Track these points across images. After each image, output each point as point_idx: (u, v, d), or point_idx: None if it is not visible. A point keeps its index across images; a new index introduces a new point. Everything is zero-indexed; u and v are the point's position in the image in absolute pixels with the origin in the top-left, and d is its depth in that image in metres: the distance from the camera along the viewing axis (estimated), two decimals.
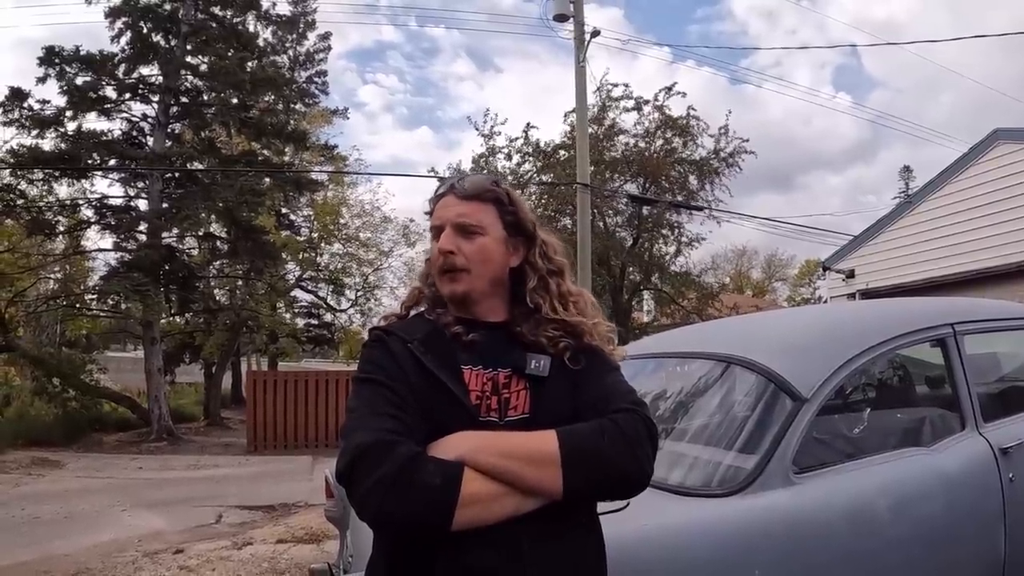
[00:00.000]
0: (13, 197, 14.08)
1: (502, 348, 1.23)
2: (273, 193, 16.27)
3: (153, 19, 14.67)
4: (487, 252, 1.25)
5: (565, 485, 1.07)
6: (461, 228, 1.25)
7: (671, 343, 3.13)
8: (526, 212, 1.31)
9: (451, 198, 1.27)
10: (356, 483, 1.04)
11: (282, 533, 5.82)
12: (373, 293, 23.94)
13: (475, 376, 1.19)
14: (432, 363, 1.17)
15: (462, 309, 1.27)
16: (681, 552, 1.78)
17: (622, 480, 1.13)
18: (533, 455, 1.08)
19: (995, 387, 2.91)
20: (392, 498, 1.01)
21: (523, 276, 1.30)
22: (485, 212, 1.26)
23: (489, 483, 1.06)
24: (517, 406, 1.18)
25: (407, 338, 1.21)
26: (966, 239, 10.08)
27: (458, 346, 1.22)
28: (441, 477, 1.03)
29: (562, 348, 1.23)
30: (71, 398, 13.82)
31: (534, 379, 1.20)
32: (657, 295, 17.59)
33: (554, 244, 1.34)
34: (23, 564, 5.01)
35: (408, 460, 1.03)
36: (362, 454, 1.04)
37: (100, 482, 8.83)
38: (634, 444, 1.12)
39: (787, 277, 44.71)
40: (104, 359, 17.80)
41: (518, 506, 1.08)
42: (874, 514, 2.01)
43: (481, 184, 1.29)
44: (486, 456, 1.07)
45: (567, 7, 11.23)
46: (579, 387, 1.21)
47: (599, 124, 15.16)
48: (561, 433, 1.10)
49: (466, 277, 1.24)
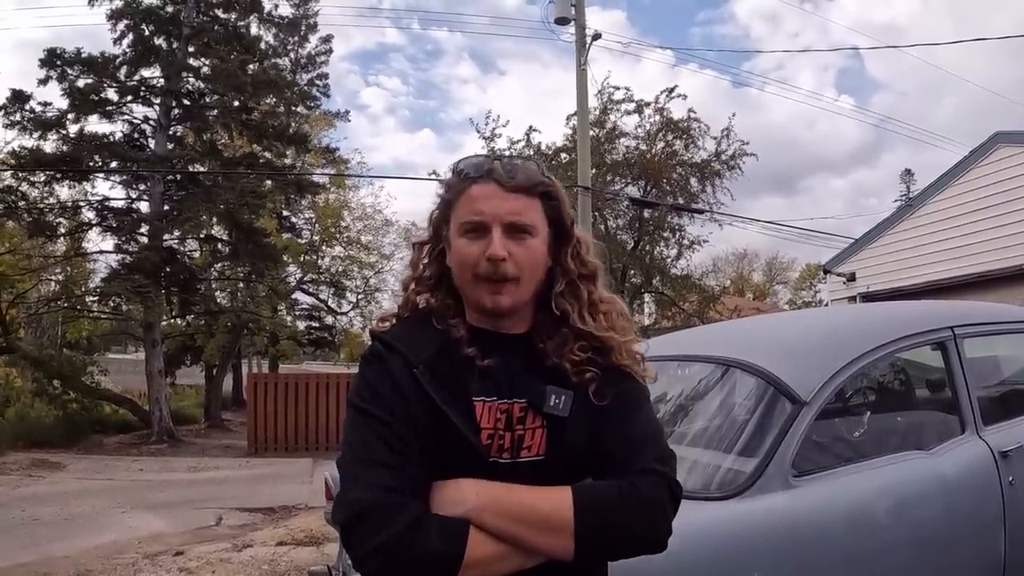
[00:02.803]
0: (15, 199, 14.10)
1: (521, 372, 1.09)
2: (274, 195, 16.32)
3: (155, 21, 14.69)
4: (537, 258, 1.09)
5: (576, 551, 1.00)
6: (514, 228, 1.06)
7: (672, 346, 3.13)
8: (568, 207, 1.14)
9: (494, 187, 1.07)
10: (354, 547, 0.99)
11: (282, 535, 5.81)
12: (374, 296, 24.00)
13: (488, 410, 1.06)
14: (439, 394, 1.03)
15: (488, 320, 1.11)
16: (681, 555, 1.77)
17: (637, 548, 1.06)
18: (545, 522, 1.00)
19: (995, 390, 2.90)
20: (393, 566, 0.96)
21: (551, 278, 1.13)
22: (535, 209, 1.09)
23: (496, 544, 0.99)
24: (531, 446, 1.07)
25: (412, 360, 1.06)
26: (967, 242, 10.06)
27: (470, 372, 1.07)
28: (444, 541, 0.96)
29: (587, 379, 1.09)
30: (72, 400, 13.82)
31: (552, 418, 1.07)
32: (658, 298, 17.61)
33: (588, 243, 1.17)
34: (23, 566, 5.01)
35: (408, 526, 0.96)
36: (361, 514, 0.97)
37: (100, 484, 8.83)
38: (655, 512, 1.03)
39: (788, 280, 44.73)
40: (105, 361, 17.78)
41: (523, 563, 1.01)
42: (873, 517, 2.01)
43: (533, 175, 1.09)
44: (494, 517, 0.99)
45: (568, 10, 11.26)
46: (604, 426, 1.08)
47: (600, 127, 15.19)
48: (577, 497, 1.01)
49: (513, 288, 1.06)
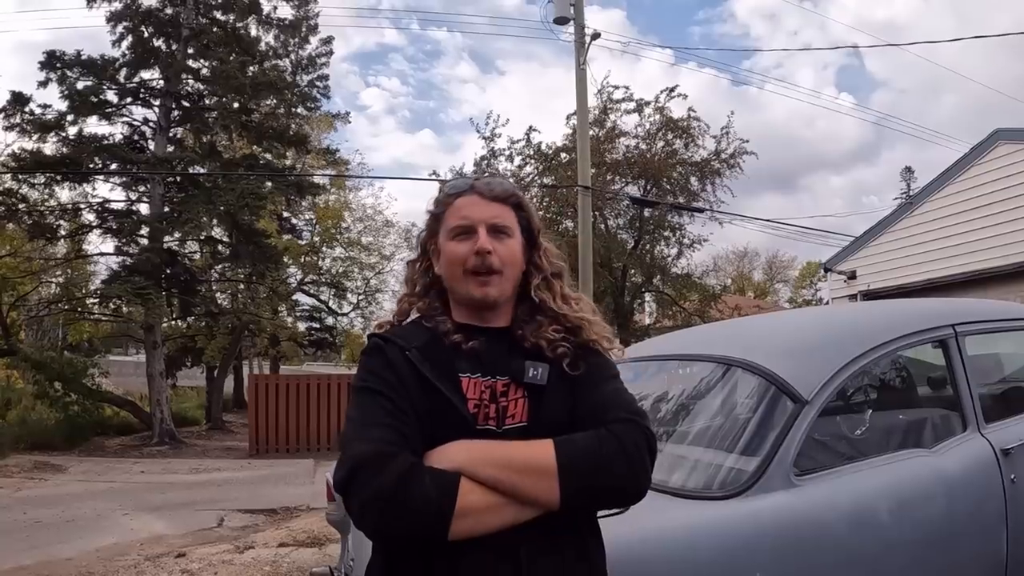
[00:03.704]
0: (15, 201, 14.10)
1: (502, 355, 1.22)
2: (274, 197, 16.30)
3: (154, 23, 14.70)
4: (515, 255, 1.27)
5: (561, 495, 1.08)
6: (495, 229, 1.25)
7: (673, 345, 3.13)
8: (536, 217, 1.34)
9: (476, 198, 1.27)
10: (354, 495, 1.06)
11: (284, 537, 5.82)
12: (375, 297, 24.03)
13: (473, 384, 1.18)
14: (430, 371, 1.16)
15: (477, 315, 1.26)
16: (682, 554, 1.78)
17: (619, 490, 1.13)
18: (530, 465, 1.08)
19: (997, 388, 2.90)
20: (389, 511, 1.03)
21: (527, 277, 1.30)
22: (510, 215, 1.28)
23: (486, 494, 1.06)
24: (515, 414, 1.18)
25: (405, 346, 1.20)
26: (967, 239, 10.06)
27: (457, 354, 1.21)
28: (437, 489, 1.04)
29: (561, 353, 1.22)
30: (73, 402, 13.81)
31: (532, 387, 1.19)
32: (659, 297, 17.58)
33: (552, 249, 1.36)
34: (25, 568, 5.01)
35: (404, 472, 1.04)
36: (359, 465, 1.06)
37: (102, 486, 8.83)
38: (632, 455, 1.11)
39: (788, 279, 44.72)
40: (106, 363, 17.73)
41: (515, 516, 1.08)
42: (875, 516, 2.01)
43: (507, 188, 1.30)
44: (483, 466, 1.08)
45: (567, 10, 11.25)
46: (578, 394, 1.20)
47: (600, 126, 15.18)
48: (558, 443, 1.10)
49: (499, 280, 1.23)
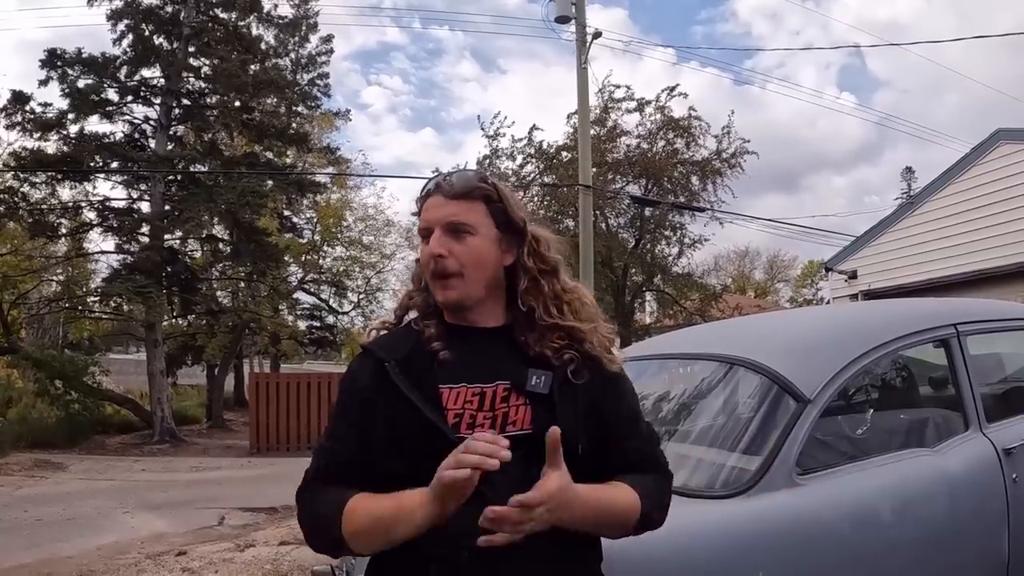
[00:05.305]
0: (16, 200, 14.11)
1: (501, 358, 1.18)
2: (275, 195, 16.30)
3: (155, 21, 14.71)
4: (479, 254, 1.19)
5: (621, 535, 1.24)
6: (451, 229, 1.18)
7: (674, 344, 3.13)
8: (515, 207, 1.24)
9: (438, 198, 1.21)
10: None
11: (285, 535, 5.81)
12: (375, 296, 24.01)
13: (456, 394, 1.15)
14: (405, 384, 1.14)
15: (457, 316, 1.22)
16: (684, 554, 1.78)
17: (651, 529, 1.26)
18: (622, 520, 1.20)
19: (998, 387, 2.90)
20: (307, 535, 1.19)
21: (513, 279, 1.24)
22: (475, 211, 1.20)
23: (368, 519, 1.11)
24: (517, 421, 1.14)
25: (385, 358, 1.18)
26: (968, 239, 10.04)
27: (437, 365, 1.17)
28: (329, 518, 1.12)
29: (566, 360, 1.18)
30: (73, 400, 13.83)
31: (534, 395, 1.15)
32: (660, 296, 17.56)
33: (546, 239, 1.27)
34: (25, 566, 5.01)
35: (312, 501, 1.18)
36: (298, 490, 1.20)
37: (103, 484, 8.84)
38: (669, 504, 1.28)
39: (789, 278, 44.65)
40: (106, 361, 17.78)
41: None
42: (877, 515, 2.01)
43: (469, 181, 1.21)
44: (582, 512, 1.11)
45: (569, 9, 11.24)
46: (609, 423, 1.21)
47: (601, 125, 15.15)
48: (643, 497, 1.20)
49: (459, 282, 1.18)
